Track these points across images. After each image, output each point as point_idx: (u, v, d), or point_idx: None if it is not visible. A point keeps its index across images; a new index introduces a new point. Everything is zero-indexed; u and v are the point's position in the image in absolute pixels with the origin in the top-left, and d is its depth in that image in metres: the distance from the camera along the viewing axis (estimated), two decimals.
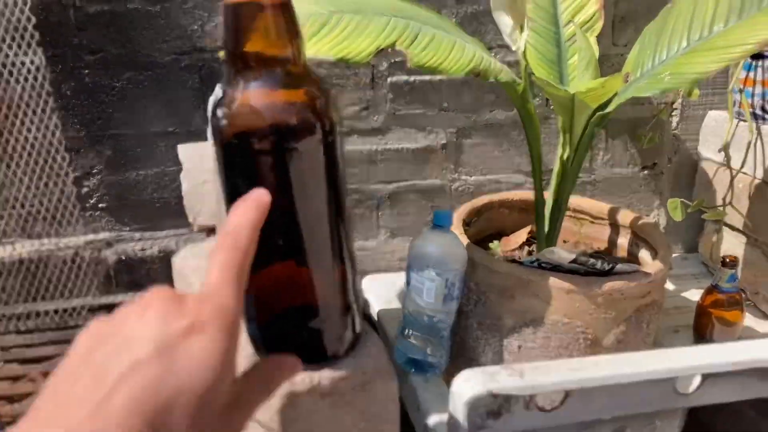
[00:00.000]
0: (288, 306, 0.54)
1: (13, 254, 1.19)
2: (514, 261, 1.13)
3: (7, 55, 1.07)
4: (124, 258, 1.25)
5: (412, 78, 1.34)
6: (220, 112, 0.49)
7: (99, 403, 0.29)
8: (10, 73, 1.10)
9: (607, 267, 1.06)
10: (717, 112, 1.49)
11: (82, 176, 1.19)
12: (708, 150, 1.50)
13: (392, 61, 1.33)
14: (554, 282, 1.04)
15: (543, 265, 1.07)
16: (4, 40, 1.08)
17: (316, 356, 0.55)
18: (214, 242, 0.39)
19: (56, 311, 1.16)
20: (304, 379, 0.53)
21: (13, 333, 1.12)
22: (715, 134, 1.48)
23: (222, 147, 0.50)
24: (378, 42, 0.82)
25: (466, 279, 1.10)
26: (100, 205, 1.25)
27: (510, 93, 1.08)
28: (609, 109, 1.10)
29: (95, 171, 1.24)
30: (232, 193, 0.52)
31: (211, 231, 1.22)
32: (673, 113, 1.51)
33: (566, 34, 1.22)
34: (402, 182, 1.41)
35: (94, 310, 1.18)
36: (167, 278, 1.30)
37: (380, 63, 1.32)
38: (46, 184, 1.18)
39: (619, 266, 1.06)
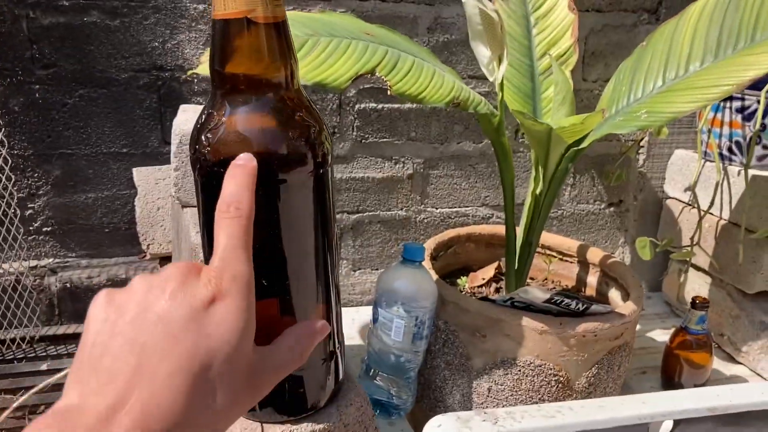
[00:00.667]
0: None
1: None
2: (485, 299, 1.09)
3: None
4: (69, 286, 1.16)
5: (380, 106, 1.30)
6: (203, 138, 0.44)
7: (144, 373, 0.32)
8: None
9: (581, 308, 1.03)
10: (683, 151, 1.49)
11: (26, 197, 1.11)
12: (674, 189, 1.50)
13: (360, 87, 1.29)
14: (527, 322, 1.00)
15: (516, 304, 1.03)
16: None
17: (296, 407, 0.49)
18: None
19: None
20: (285, 430, 0.48)
21: None
22: (681, 173, 1.48)
23: (203, 175, 0.45)
24: (357, 68, 0.78)
25: (434, 317, 1.05)
26: (44, 229, 1.17)
27: (484, 125, 1.05)
28: (584, 144, 1.08)
29: (41, 192, 1.16)
30: (212, 225, 0.46)
31: (164, 259, 1.15)
32: (640, 151, 1.51)
33: (540, 67, 1.20)
34: (366, 212, 1.36)
35: (34, 342, 1.09)
36: None
37: (348, 89, 1.28)
38: None
39: (594, 307, 1.03)
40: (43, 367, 1.06)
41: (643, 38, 1.43)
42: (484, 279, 1.30)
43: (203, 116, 0.45)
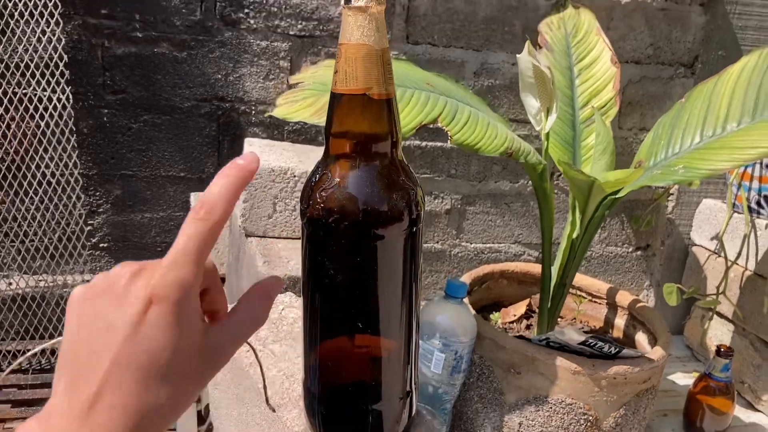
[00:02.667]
0: (351, 383, 0.54)
1: (9, 289, 1.16)
2: (521, 337, 1.14)
3: (35, 90, 1.06)
4: None
5: (424, 143, 1.36)
6: (317, 195, 0.49)
7: (101, 376, 0.37)
8: (36, 109, 1.08)
9: (613, 351, 1.07)
10: (711, 201, 1.54)
11: (87, 214, 1.17)
12: (700, 236, 1.54)
13: None
14: (561, 362, 1.04)
15: (551, 344, 1.08)
16: (33, 76, 1.07)
17: None
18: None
19: (53, 351, 1.13)
20: None
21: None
22: (709, 222, 1.52)
23: (313, 227, 0.50)
24: (421, 117, 0.84)
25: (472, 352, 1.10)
26: (101, 245, 1.23)
27: (529, 170, 1.11)
28: (621, 194, 1.13)
29: (101, 210, 1.22)
30: (314, 270, 0.52)
31: None
32: (669, 198, 1.55)
33: (581, 116, 1.25)
34: None
35: None
36: None
37: None
38: (50, 221, 1.15)
39: (625, 351, 1.08)
40: None
41: (679, 91, 1.50)
42: (515, 315, 1.35)
43: (317, 176, 0.51)
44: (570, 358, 1.05)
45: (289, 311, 0.76)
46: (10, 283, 1.17)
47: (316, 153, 1.03)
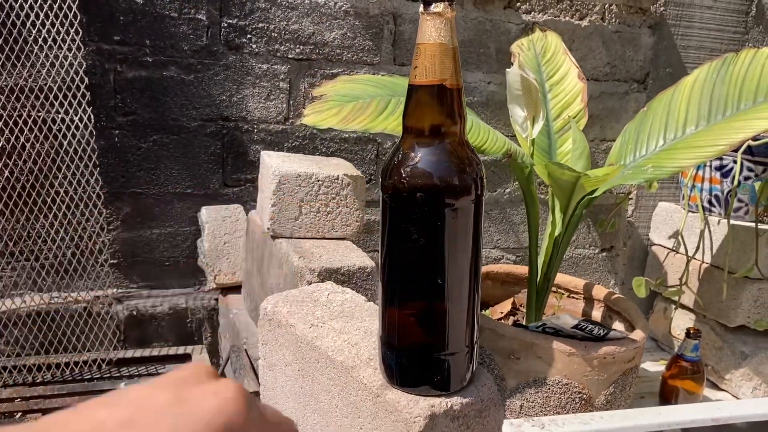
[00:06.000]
0: (425, 339, 0.62)
1: (24, 306, 1.19)
2: (519, 325, 1.24)
3: (58, 112, 1.11)
4: (135, 314, 1.26)
5: None
6: (402, 171, 0.58)
7: None
8: (59, 130, 1.13)
9: (602, 333, 1.19)
10: (666, 204, 1.69)
11: (97, 231, 1.21)
12: (658, 236, 1.69)
13: (396, 140, 1.45)
14: (557, 345, 1.15)
15: (546, 330, 1.18)
16: (56, 98, 1.12)
17: (445, 385, 0.62)
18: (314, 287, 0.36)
19: (67, 364, 1.16)
20: (441, 402, 0.61)
21: (27, 385, 1.11)
22: (665, 222, 1.68)
23: (396, 199, 0.59)
24: None
25: None
26: (111, 261, 1.27)
27: (518, 173, 1.22)
28: (597, 193, 1.26)
29: (111, 227, 1.27)
30: (396, 237, 0.61)
31: (227, 289, 1.27)
32: (629, 202, 1.70)
33: (555, 127, 1.39)
34: None
35: (110, 364, 1.18)
36: (177, 335, 1.32)
37: (385, 141, 1.44)
38: (62, 239, 1.19)
39: (612, 333, 1.20)
40: (121, 385, 1.15)
41: (633, 105, 1.66)
42: (502, 312, 1.45)
43: (399, 155, 0.60)
44: (565, 342, 1.15)
45: (334, 296, 0.84)
46: (24, 301, 1.20)
47: (328, 162, 1.12)
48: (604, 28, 1.56)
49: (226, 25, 1.27)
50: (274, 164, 1.01)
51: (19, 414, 1.07)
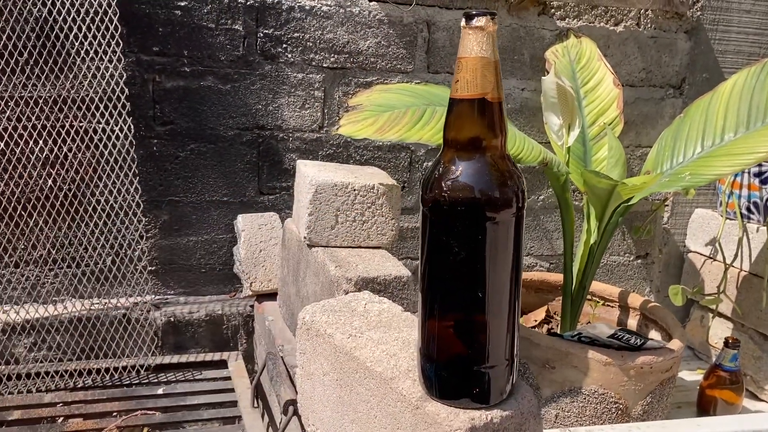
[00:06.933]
0: (465, 352, 0.62)
1: (66, 312, 1.21)
2: (554, 334, 1.23)
3: (99, 122, 1.14)
4: (172, 320, 1.28)
5: None
6: (443, 184, 0.59)
7: None
8: (100, 139, 1.16)
9: (639, 342, 1.18)
10: (702, 210, 1.67)
11: (137, 239, 1.24)
12: (695, 243, 1.67)
13: (429, 148, 1.45)
14: (593, 354, 1.14)
15: (582, 339, 1.18)
16: (97, 108, 1.15)
17: (485, 398, 0.62)
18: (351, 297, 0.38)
19: (107, 369, 1.18)
20: (481, 415, 0.61)
21: (69, 390, 1.13)
22: (702, 229, 1.65)
23: (437, 211, 0.60)
24: None
25: None
26: (149, 268, 1.29)
27: (553, 181, 1.22)
28: (633, 201, 1.25)
29: (149, 234, 1.29)
30: (436, 250, 0.61)
31: (263, 296, 1.28)
32: (665, 209, 1.68)
33: (590, 134, 1.38)
34: None
35: (147, 369, 1.20)
36: (213, 341, 1.34)
37: (418, 149, 1.44)
38: (102, 246, 1.22)
39: (649, 342, 1.18)
40: (159, 391, 1.17)
41: (669, 110, 1.64)
42: (536, 321, 1.45)
43: (440, 168, 0.60)
44: (600, 351, 1.14)
45: (371, 306, 0.85)
46: (65, 307, 1.22)
47: (363, 171, 1.12)
48: (640, 34, 1.54)
49: (262, 35, 1.29)
50: (310, 173, 1.02)
51: (62, 419, 1.09)
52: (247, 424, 1.07)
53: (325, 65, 1.34)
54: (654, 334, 1.38)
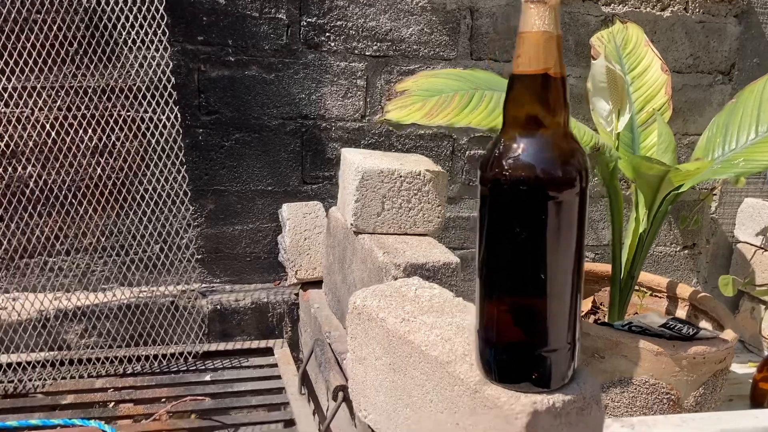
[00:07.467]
0: (526, 335, 0.61)
1: (113, 300, 1.23)
2: (604, 323, 1.21)
3: (146, 111, 1.15)
4: (219, 308, 1.29)
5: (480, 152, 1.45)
6: (504, 162, 0.58)
7: None
8: (147, 128, 1.17)
9: (691, 332, 1.15)
10: (752, 200, 1.63)
11: (183, 228, 1.25)
12: (744, 233, 1.63)
13: (471, 136, 1.44)
14: (644, 344, 1.12)
15: (633, 328, 1.15)
16: (144, 97, 1.16)
17: (546, 382, 0.61)
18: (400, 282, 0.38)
19: (155, 356, 1.19)
20: (543, 399, 0.60)
21: (118, 376, 1.15)
22: (752, 219, 1.61)
23: (497, 191, 0.59)
24: None
25: None
26: (196, 257, 1.30)
27: (602, 168, 1.19)
28: (684, 188, 1.22)
29: (196, 223, 1.30)
30: (496, 231, 0.60)
31: (308, 284, 1.28)
32: (713, 198, 1.64)
33: (638, 120, 1.35)
34: (469, 249, 1.50)
35: (195, 357, 1.21)
36: (258, 329, 1.35)
37: (461, 137, 1.43)
38: (150, 234, 1.23)
39: (702, 332, 1.15)
40: (207, 377, 1.18)
41: (718, 97, 1.60)
42: (582, 311, 1.42)
43: (500, 146, 0.59)
44: (652, 341, 1.12)
45: (422, 291, 0.84)
46: (114, 294, 1.24)
47: (408, 158, 1.12)
48: (687, 19, 1.51)
49: (305, 23, 1.29)
50: (356, 160, 1.02)
51: (113, 403, 1.10)
52: (294, 411, 1.08)
53: (367, 53, 1.33)
54: (704, 325, 1.34)
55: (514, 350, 0.62)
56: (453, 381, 0.67)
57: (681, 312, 1.40)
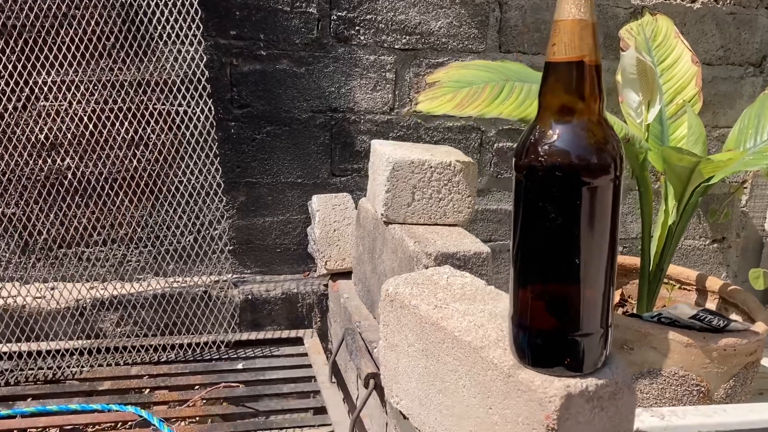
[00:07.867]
0: (560, 320, 0.62)
1: (148, 289, 1.26)
2: (633, 315, 1.21)
3: (180, 104, 1.17)
4: (250, 298, 1.31)
5: (515, 144, 1.45)
6: (540, 149, 0.59)
7: None
8: (181, 121, 1.19)
9: (722, 324, 1.15)
10: None
11: (215, 219, 1.27)
12: None
13: (500, 128, 1.44)
14: (674, 336, 1.12)
15: (662, 320, 1.15)
16: (179, 91, 1.19)
17: (579, 366, 0.62)
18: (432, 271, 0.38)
19: (189, 345, 1.22)
20: (576, 383, 0.61)
21: (153, 363, 1.18)
22: None
23: (533, 177, 0.59)
24: None
25: None
26: (227, 248, 1.33)
27: (632, 159, 1.19)
28: (714, 180, 1.21)
29: (228, 215, 1.32)
30: (531, 217, 0.61)
31: (337, 274, 1.30)
32: (744, 191, 1.63)
33: (668, 112, 1.35)
34: (498, 241, 1.50)
35: (227, 346, 1.24)
36: (288, 319, 1.37)
37: (489, 129, 1.44)
38: (185, 225, 1.26)
39: (732, 324, 1.15)
40: (239, 366, 1.20)
41: (749, 89, 1.59)
42: None
43: (536, 133, 0.60)
44: (681, 332, 1.12)
45: (453, 279, 0.85)
46: (149, 284, 1.27)
47: (438, 149, 1.13)
48: (718, 10, 1.50)
49: (335, 17, 1.31)
50: (386, 151, 1.03)
51: (148, 390, 1.13)
52: (325, 398, 1.09)
53: (396, 47, 1.34)
54: (734, 318, 1.34)
55: (548, 335, 0.63)
56: (486, 366, 0.68)
57: (710, 305, 1.39)
